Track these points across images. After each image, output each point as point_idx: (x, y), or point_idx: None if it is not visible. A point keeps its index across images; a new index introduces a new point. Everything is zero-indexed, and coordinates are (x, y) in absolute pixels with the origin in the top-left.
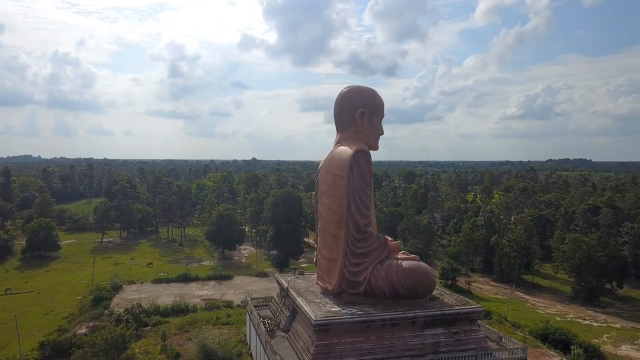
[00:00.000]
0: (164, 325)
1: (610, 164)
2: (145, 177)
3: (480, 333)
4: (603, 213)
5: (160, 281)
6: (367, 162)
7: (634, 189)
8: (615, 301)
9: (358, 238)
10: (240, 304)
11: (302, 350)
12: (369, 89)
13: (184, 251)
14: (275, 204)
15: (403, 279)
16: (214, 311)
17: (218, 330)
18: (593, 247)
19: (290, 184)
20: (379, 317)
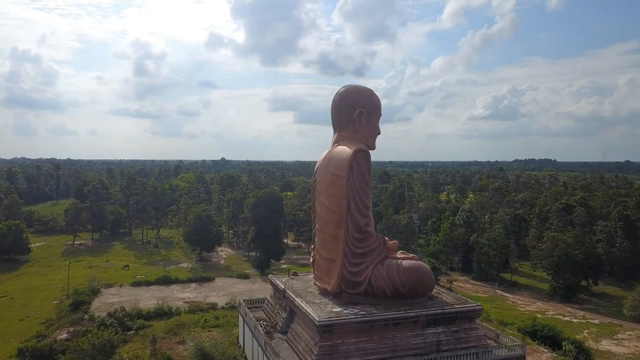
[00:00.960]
0: (149, 329)
1: (574, 164)
2: (114, 178)
3: (480, 331)
4: (577, 212)
5: (139, 284)
6: (367, 162)
7: (602, 188)
8: (592, 298)
9: (358, 238)
10: (224, 306)
11: (304, 352)
12: (367, 88)
13: (160, 253)
14: (256, 205)
15: (404, 278)
16: (199, 314)
17: (208, 333)
18: (570, 245)
19: (265, 185)
20: (381, 316)
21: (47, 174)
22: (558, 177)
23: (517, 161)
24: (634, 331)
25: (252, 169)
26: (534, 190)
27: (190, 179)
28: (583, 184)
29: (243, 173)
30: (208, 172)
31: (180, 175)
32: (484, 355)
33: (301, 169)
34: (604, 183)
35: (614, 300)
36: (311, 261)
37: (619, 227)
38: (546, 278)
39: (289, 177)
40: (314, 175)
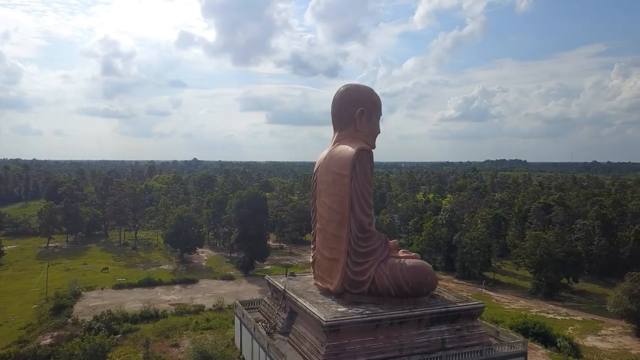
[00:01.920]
0: (136, 332)
1: (544, 165)
2: (86, 179)
3: (482, 329)
4: (555, 211)
5: (121, 287)
6: (369, 161)
7: (575, 188)
8: (572, 295)
9: (361, 237)
10: (212, 308)
11: (309, 352)
12: (367, 87)
13: (139, 255)
14: (240, 205)
15: (408, 277)
16: (186, 316)
17: (200, 335)
18: (552, 243)
19: (243, 185)
20: (387, 316)
21: (16, 174)
22: (531, 177)
23: (489, 162)
24: (616, 327)
25: (227, 169)
26: (511, 190)
27: (166, 179)
28: (557, 184)
29: (217, 174)
30: (181, 173)
31: (155, 176)
32: (488, 353)
33: (276, 170)
34: (577, 183)
35: (593, 297)
36: (311, 261)
37: (596, 226)
38: (527, 276)
39: (264, 177)
40: (314, 174)
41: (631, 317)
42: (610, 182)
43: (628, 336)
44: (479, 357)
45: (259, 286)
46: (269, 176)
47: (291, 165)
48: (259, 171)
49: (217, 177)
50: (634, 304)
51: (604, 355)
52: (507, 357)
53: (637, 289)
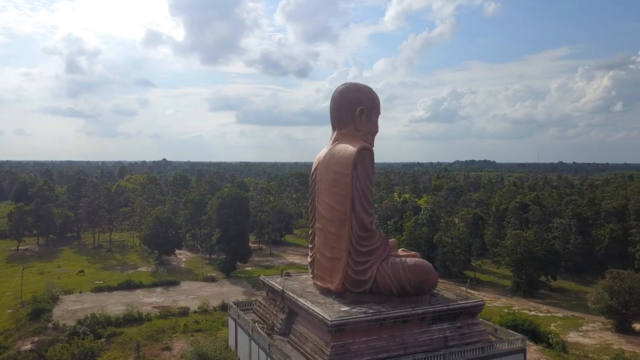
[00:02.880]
0: (120, 336)
1: (512, 165)
2: (53, 180)
3: (482, 326)
4: (532, 210)
5: (101, 290)
6: (371, 160)
7: (548, 187)
8: (551, 292)
9: (363, 236)
10: (197, 310)
11: (313, 352)
12: (366, 86)
13: (115, 257)
14: (222, 206)
15: (410, 276)
16: (171, 319)
17: (191, 337)
18: (532, 241)
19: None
20: (391, 314)
21: None
22: (503, 178)
23: (458, 162)
24: (596, 323)
25: (200, 170)
26: (487, 190)
27: (139, 180)
28: (530, 184)
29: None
30: (151, 173)
31: (127, 176)
32: (489, 350)
33: (247, 170)
34: (548, 183)
35: (571, 294)
36: (309, 261)
37: (573, 225)
38: (506, 275)
39: (238, 178)
40: (313, 173)
41: (611, 313)
42: (579, 182)
43: (608, 332)
44: (480, 354)
45: (242, 287)
46: (241, 177)
47: (263, 166)
48: (230, 172)
49: (191, 178)
50: (614, 300)
51: (588, 350)
52: (507, 353)
53: (617, 285)
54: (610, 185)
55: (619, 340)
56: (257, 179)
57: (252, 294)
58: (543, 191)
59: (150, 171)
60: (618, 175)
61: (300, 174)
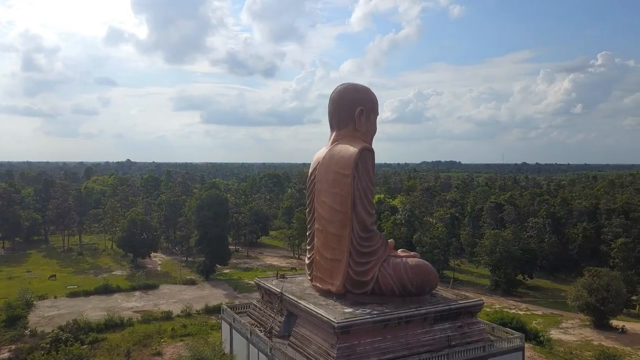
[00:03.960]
0: (103, 342)
1: (477, 166)
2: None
3: (481, 325)
4: (507, 210)
5: (77, 295)
6: (372, 160)
7: (518, 188)
8: (528, 291)
9: (364, 237)
10: (180, 314)
11: (316, 355)
12: (365, 86)
13: (86, 261)
14: (201, 207)
15: (412, 276)
16: (153, 323)
17: (180, 342)
18: (510, 241)
19: (191, 187)
20: (395, 315)
21: None
22: (473, 178)
23: (425, 163)
24: (574, 320)
25: (169, 170)
26: (460, 190)
27: (107, 181)
28: (501, 184)
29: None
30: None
31: (93, 177)
32: (490, 349)
33: (215, 171)
34: (517, 183)
35: (548, 292)
36: (307, 262)
37: (547, 224)
38: (484, 274)
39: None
40: (312, 174)
41: (590, 310)
42: (546, 183)
43: (587, 328)
44: (482, 353)
45: (224, 290)
46: (209, 177)
47: (230, 167)
48: (199, 173)
49: (161, 179)
50: (593, 298)
51: (571, 347)
52: (507, 351)
53: (596, 283)
54: (577, 185)
55: (598, 336)
56: (226, 180)
57: (234, 296)
58: (514, 191)
59: (115, 172)
60: (582, 176)
61: (273, 174)
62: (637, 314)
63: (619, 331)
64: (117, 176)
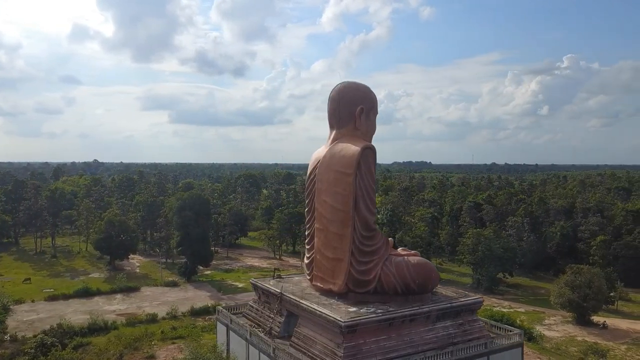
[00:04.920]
0: (88, 346)
1: (448, 166)
2: None
3: (481, 322)
4: (486, 209)
5: (55, 298)
6: (374, 159)
7: (492, 188)
8: (509, 289)
9: (366, 236)
10: (166, 317)
11: (322, 355)
12: (365, 85)
13: (61, 264)
14: (182, 208)
15: (414, 274)
16: (138, 326)
17: (172, 344)
18: (492, 239)
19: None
20: (399, 313)
21: None
22: (448, 178)
23: (396, 163)
24: (556, 317)
25: (141, 171)
26: (438, 190)
27: (78, 182)
28: (476, 184)
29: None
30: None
31: (63, 177)
32: (491, 345)
33: (185, 171)
34: (491, 183)
35: (528, 290)
36: (306, 262)
37: (525, 223)
38: (464, 272)
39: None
40: (311, 173)
41: (572, 307)
42: (518, 183)
43: (570, 324)
44: (484, 350)
45: (207, 292)
46: (181, 178)
47: (201, 167)
48: (168, 173)
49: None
50: (575, 294)
51: (556, 343)
52: (508, 348)
53: (578, 280)
54: (549, 185)
55: (581, 332)
56: (198, 181)
57: (219, 298)
58: (490, 191)
59: (83, 172)
60: (551, 175)
61: (249, 175)
62: (616, 310)
63: (601, 327)
64: (91, 176)
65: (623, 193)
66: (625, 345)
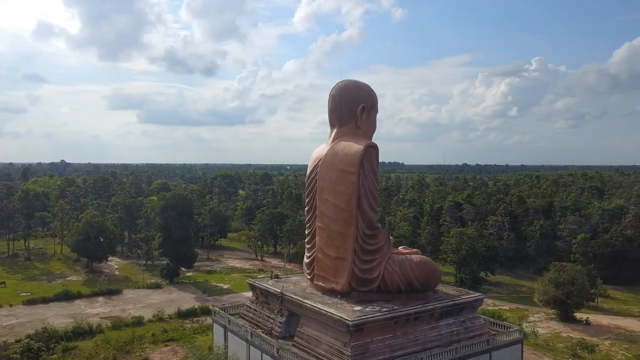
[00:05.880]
0: (74, 351)
1: (420, 167)
2: None
3: (481, 319)
4: (466, 209)
5: (34, 302)
6: (376, 157)
7: (469, 187)
8: (491, 287)
9: (370, 234)
10: (152, 319)
11: (328, 354)
12: (365, 83)
13: (36, 266)
14: (165, 209)
15: (418, 273)
16: (124, 329)
17: (165, 347)
18: (475, 238)
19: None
20: (404, 312)
21: None
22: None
23: None
24: (540, 314)
25: (114, 171)
26: (417, 190)
27: (49, 182)
28: (453, 184)
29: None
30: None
31: (32, 178)
32: (493, 342)
33: (157, 172)
34: (467, 182)
35: (509, 288)
36: (306, 262)
37: (506, 222)
38: (446, 271)
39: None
40: (312, 172)
41: (556, 304)
42: (492, 183)
43: (554, 321)
44: (486, 347)
45: (192, 294)
46: (153, 179)
47: (172, 167)
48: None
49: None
50: (559, 291)
51: (543, 339)
52: (509, 344)
53: (562, 277)
54: (523, 185)
55: (565, 328)
56: (171, 181)
57: (204, 300)
58: (467, 191)
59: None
60: (524, 176)
61: (225, 175)
62: (596, 306)
63: (584, 323)
64: (64, 177)
65: (596, 192)
66: (608, 340)
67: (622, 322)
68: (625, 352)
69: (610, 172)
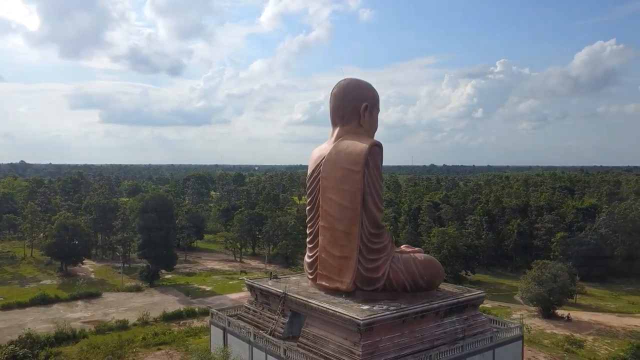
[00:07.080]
0: (58, 356)
1: (389, 168)
2: None
3: (483, 317)
4: (444, 208)
5: (10, 307)
6: (381, 156)
7: (441, 188)
8: (471, 286)
9: (374, 233)
10: (137, 322)
11: (337, 354)
12: (367, 82)
13: (6, 270)
14: (145, 210)
15: (423, 271)
16: (109, 334)
17: (158, 350)
18: (456, 238)
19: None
20: (412, 310)
21: None
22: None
23: None
24: (522, 311)
25: (80, 172)
26: (392, 190)
27: (13, 184)
28: (427, 185)
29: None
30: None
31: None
32: (496, 339)
33: (123, 173)
34: (440, 184)
35: (489, 286)
36: (308, 262)
37: (484, 221)
38: None
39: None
40: (315, 170)
41: (539, 301)
42: (463, 183)
43: (536, 318)
44: (490, 344)
45: (175, 296)
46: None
47: (137, 168)
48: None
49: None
50: (542, 288)
51: (529, 336)
52: (510, 340)
53: (544, 275)
54: (494, 185)
55: (549, 325)
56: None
57: (188, 302)
58: (441, 191)
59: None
60: (492, 176)
61: (198, 176)
62: (575, 303)
63: (565, 319)
64: (33, 178)
65: (567, 192)
66: (591, 336)
67: (602, 318)
68: (608, 346)
69: (575, 172)
